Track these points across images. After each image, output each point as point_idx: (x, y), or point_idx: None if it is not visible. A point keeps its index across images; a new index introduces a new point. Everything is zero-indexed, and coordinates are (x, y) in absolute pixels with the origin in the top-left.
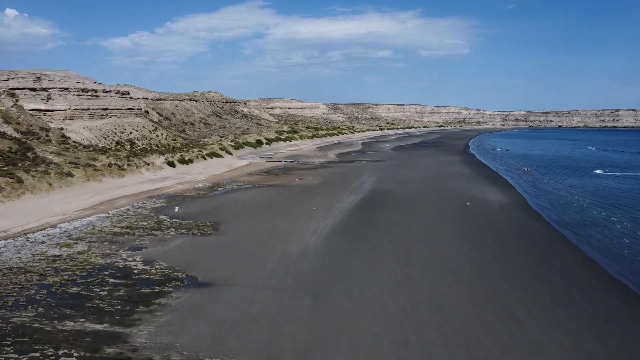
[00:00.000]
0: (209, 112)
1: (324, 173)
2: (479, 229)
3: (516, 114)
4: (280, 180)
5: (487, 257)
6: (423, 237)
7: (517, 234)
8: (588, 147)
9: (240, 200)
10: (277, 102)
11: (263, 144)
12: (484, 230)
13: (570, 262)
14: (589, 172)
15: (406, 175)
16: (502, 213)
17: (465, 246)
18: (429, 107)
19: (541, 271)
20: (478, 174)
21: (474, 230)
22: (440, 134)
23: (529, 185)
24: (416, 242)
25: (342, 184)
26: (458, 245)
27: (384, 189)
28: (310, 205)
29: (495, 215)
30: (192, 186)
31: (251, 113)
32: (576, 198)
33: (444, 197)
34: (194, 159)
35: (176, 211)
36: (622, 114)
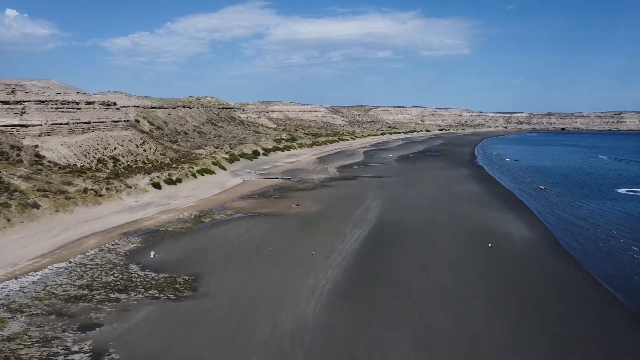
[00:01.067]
0: (204, 120)
1: (324, 196)
2: (509, 285)
3: (518, 116)
4: (275, 207)
5: (529, 334)
6: (443, 298)
7: (556, 293)
8: (599, 155)
9: (228, 239)
10: (276, 105)
11: (260, 154)
12: (515, 287)
13: (628, 335)
14: (611, 191)
15: (413, 197)
16: (531, 258)
17: (497, 314)
18: (430, 109)
19: (596, 351)
20: (492, 195)
21: (504, 288)
22: (443, 139)
23: (550, 212)
24: (436, 308)
25: (345, 211)
26: (488, 312)
27: (391, 219)
28: (309, 247)
29: (523, 261)
30: (176, 216)
31: (248, 119)
32: (611, 231)
33: (460, 232)
34: (183, 177)
35: (151, 257)
36: (627, 117)
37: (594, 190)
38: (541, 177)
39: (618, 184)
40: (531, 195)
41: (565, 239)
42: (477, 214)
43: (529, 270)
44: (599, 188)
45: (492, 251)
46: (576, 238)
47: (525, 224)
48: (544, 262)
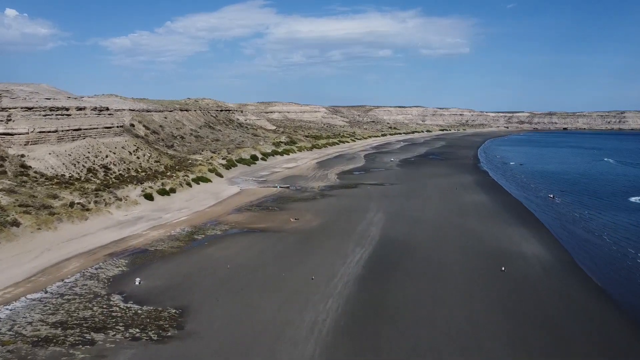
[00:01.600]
0: (202, 123)
1: (324, 207)
2: (531, 323)
3: (519, 116)
4: (273, 221)
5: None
6: (458, 341)
7: (585, 333)
8: (604, 158)
9: (221, 261)
10: (276, 105)
11: (258, 159)
12: (538, 326)
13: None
14: (623, 199)
15: (418, 209)
16: (551, 285)
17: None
18: (431, 109)
19: None
20: (500, 206)
21: (526, 328)
22: (445, 140)
23: (561, 226)
24: (451, 355)
25: (346, 226)
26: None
27: (395, 236)
28: (308, 270)
29: (542, 290)
30: (167, 232)
31: (247, 121)
32: (627, 249)
33: (470, 253)
34: (178, 187)
35: (137, 284)
36: (629, 116)
37: (604, 199)
38: (548, 183)
39: (629, 191)
40: (540, 206)
41: (583, 260)
42: (487, 229)
43: (551, 302)
44: (610, 197)
45: (507, 277)
46: (593, 259)
47: (539, 242)
48: (565, 291)
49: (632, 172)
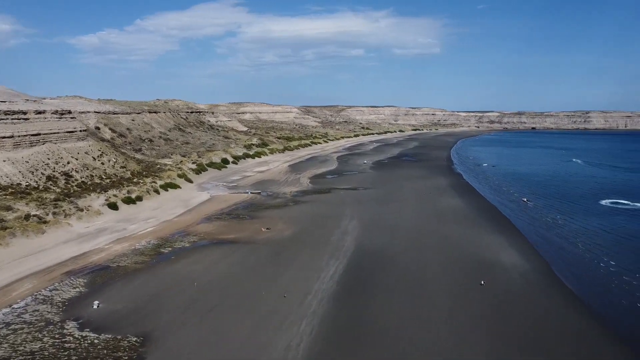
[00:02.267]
0: (171, 126)
1: (296, 214)
2: (517, 342)
3: (490, 115)
4: (244, 231)
5: None
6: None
7: (571, 348)
8: (573, 159)
9: (188, 279)
10: (248, 106)
11: (229, 163)
12: (525, 348)
13: None
14: (593, 203)
15: (393, 216)
16: (532, 300)
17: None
18: (404, 108)
19: None
20: (476, 211)
21: (512, 348)
22: (418, 140)
23: (537, 233)
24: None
25: (319, 236)
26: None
27: (371, 246)
28: (280, 287)
29: (525, 305)
30: (132, 246)
31: (218, 123)
32: (602, 258)
33: (449, 264)
34: (145, 195)
35: (95, 308)
36: (593, 116)
37: (576, 203)
38: (520, 186)
39: (598, 194)
40: (514, 210)
41: (561, 270)
42: (465, 237)
43: (534, 319)
44: (581, 200)
45: (489, 291)
46: (571, 269)
47: (517, 250)
48: (547, 307)
49: (599, 173)
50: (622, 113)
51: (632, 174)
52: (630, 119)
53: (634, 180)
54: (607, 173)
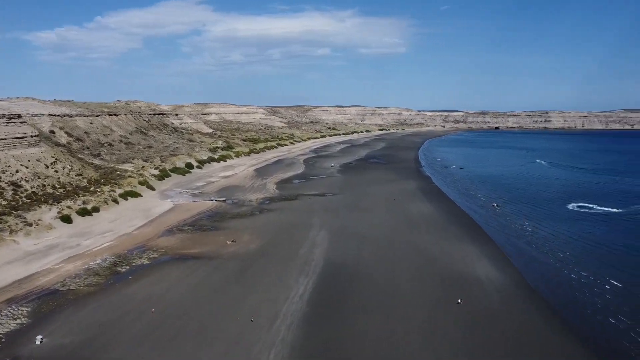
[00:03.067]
0: (133, 129)
1: (263, 224)
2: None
3: (455, 115)
4: (208, 244)
5: None
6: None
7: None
8: (537, 160)
9: (147, 303)
10: (213, 107)
11: (194, 167)
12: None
13: None
14: (561, 207)
15: (363, 224)
16: (511, 317)
17: None
18: (370, 108)
19: None
20: (447, 218)
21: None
22: (385, 141)
23: (510, 243)
24: None
25: (287, 249)
26: None
27: (342, 259)
28: (247, 309)
29: (504, 323)
30: (85, 265)
31: (183, 125)
32: (574, 270)
33: (425, 279)
34: (102, 205)
35: (37, 344)
36: (553, 116)
37: (544, 208)
38: (489, 190)
39: (565, 198)
40: (485, 217)
41: (536, 282)
42: (438, 247)
43: (515, 339)
44: (549, 204)
45: (467, 309)
46: (546, 282)
47: (491, 262)
48: (527, 325)
49: (562, 175)
50: (580, 113)
51: (593, 176)
52: (587, 119)
53: (595, 183)
54: (570, 174)
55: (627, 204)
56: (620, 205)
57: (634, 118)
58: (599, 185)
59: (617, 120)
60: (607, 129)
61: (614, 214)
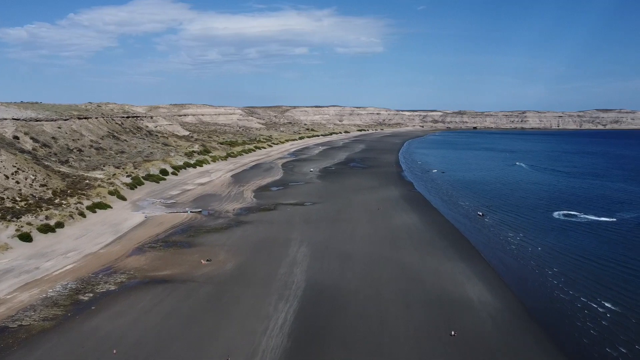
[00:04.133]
0: (104, 133)
1: (239, 240)
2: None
3: (434, 115)
4: (180, 264)
5: None
6: None
7: None
8: (516, 162)
9: (110, 340)
10: (190, 108)
11: (169, 174)
12: None
13: None
14: (546, 215)
15: (346, 238)
16: (508, 349)
17: None
18: (349, 108)
19: None
20: (432, 231)
21: None
22: (364, 142)
23: (498, 257)
24: None
25: (266, 269)
26: None
27: (324, 281)
28: (222, 345)
29: (501, 356)
30: (42, 293)
31: (158, 128)
32: (568, 291)
33: (413, 304)
34: (67, 219)
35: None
36: (529, 116)
37: (529, 217)
38: (472, 197)
39: (549, 205)
40: (471, 228)
41: (529, 304)
42: (425, 265)
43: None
44: (533, 212)
45: (460, 342)
46: (540, 305)
47: (482, 282)
48: (525, 356)
49: (544, 179)
50: (555, 113)
51: (574, 180)
52: (562, 119)
53: (576, 188)
54: (551, 179)
55: (611, 212)
56: (604, 213)
57: (605, 118)
58: (581, 190)
59: (590, 120)
60: (581, 128)
61: (600, 224)
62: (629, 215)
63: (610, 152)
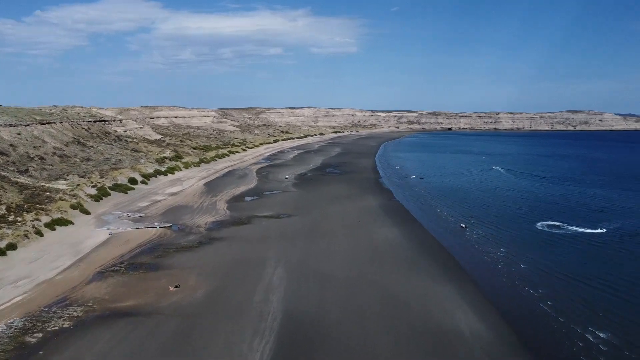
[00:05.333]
0: (69, 139)
1: (211, 260)
2: None
3: (409, 116)
4: (146, 292)
5: None
6: None
7: None
8: (493, 166)
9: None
10: (162, 110)
11: (138, 182)
12: None
13: None
14: (529, 227)
15: (324, 256)
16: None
17: None
18: (323, 109)
19: None
20: (416, 247)
21: None
22: (340, 145)
23: (487, 279)
24: None
25: (239, 296)
26: None
27: (303, 310)
28: None
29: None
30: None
31: (127, 133)
32: (557, 318)
33: (400, 336)
34: (21, 239)
35: None
36: (502, 117)
37: (512, 228)
38: (453, 205)
39: (531, 214)
40: (456, 243)
41: (523, 334)
42: (411, 291)
43: None
44: (516, 223)
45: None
46: (534, 334)
47: (471, 307)
48: None
49: (523, 185)
50: (527, 114)
51: (553, 186)
52: (534, 120)
53: (556, 195)
54: (529, 184)
55: (593, 223)
56: (587, 224)
57: (575, 119)
58: (561, 198)
59: (561, 122)
60: (553, 130)
61: (585, 236)
62: (611, 226)
63: (584, 155)
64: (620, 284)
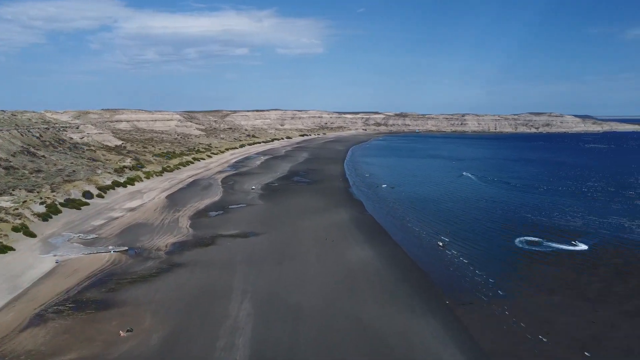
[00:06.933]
0: (17, 148)
1: (170, 293)
2: None
3: (376, 118)
4: (91, 340)
5: None
6: None
7: None
8: (463, 172)
9: None
10: (124, 113)
11: (94, 196)
12: None
13: None
14: (509, 244)
15: (295, 285)
16: None
17: None
18: (290, 112)
19: None
20: (393, 271)
21: None
22: (307, 150)
23: (473, 312)
24: None
25: (201, 342)
26: None
27: (272, 356)
28: None
29: None
30: None
31: (84, 140)
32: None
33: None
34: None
35: None
36: (469, 119)
37: (491, 247)
38: (428, 220)
39: (508, 229)
40: (433, 267)
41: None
42: (390, 324)
43: None
44: (494, 240)
45: None
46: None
47: (458, 348)
48: None
49: (493, 193)
50: (492, 116)
51: (524, 195)
52: (499, 122)
53: (529, 205)
54: (500, 193)
55: (570, 237)
56: (564, 240)
57: (538, 121)
58: (534, 209)
59: (524, 123)
60: (517, 132)
61: (564, 254)
62: (590, 241)
63: (549, 160)
64: (605, 318)
